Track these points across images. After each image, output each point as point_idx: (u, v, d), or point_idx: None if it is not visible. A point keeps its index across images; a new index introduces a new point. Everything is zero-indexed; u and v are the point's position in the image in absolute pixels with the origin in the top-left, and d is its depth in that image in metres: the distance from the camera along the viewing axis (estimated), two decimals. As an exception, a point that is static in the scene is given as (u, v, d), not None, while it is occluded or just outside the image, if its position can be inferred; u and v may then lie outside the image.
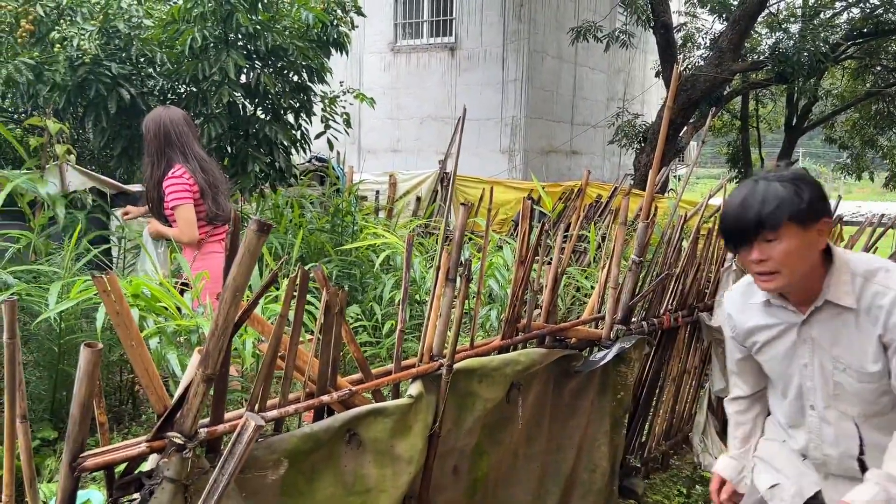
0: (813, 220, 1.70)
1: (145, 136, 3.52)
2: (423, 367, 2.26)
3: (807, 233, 1.70)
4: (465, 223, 2.31)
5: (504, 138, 12.99)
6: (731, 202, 1.78)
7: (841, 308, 1.77)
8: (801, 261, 1.72)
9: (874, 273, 1.75)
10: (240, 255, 1.60)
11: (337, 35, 4.43)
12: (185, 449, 1.57)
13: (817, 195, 1.71)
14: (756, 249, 1.73)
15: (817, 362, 1.85)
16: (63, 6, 3.69)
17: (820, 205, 1.71)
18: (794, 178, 1.72)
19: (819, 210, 1.71)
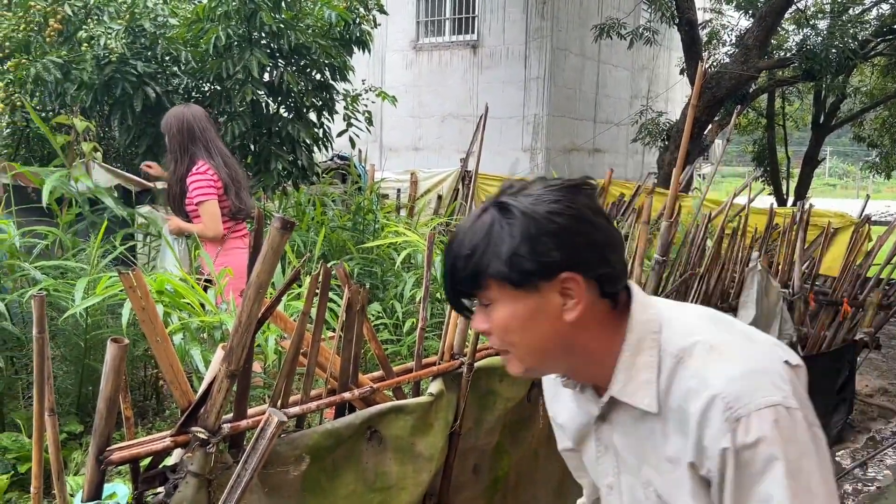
0: (527, 279, 1.07)
1: (167, 133, 3.56)
2: (443, 365, 2.26)
3: (528, 295, 1.08)
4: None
5: (526, 136, 12.95)
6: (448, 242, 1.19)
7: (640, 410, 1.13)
8: (532, 335, 1.11)
9: (689, 352, 1.08)
10: (263, 252, 1.61)
11: (359, 33, 4.44)
12: (208, 444, 1.59)
13: (532, 240, 1.05)
14: (478, 314, 1.16)
15: (625, 484, 1.23)
16: (90, 5, 3.74)
17: (534, 256, 1.05)
18: (517, 208, 1.08)
19: (533, 264, 1.05)
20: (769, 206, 5.06)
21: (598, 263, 1.08)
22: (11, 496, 2.90)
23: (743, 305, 3.61)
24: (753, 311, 3.55)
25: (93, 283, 3.18)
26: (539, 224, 1.06)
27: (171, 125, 3.53)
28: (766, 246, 3.86)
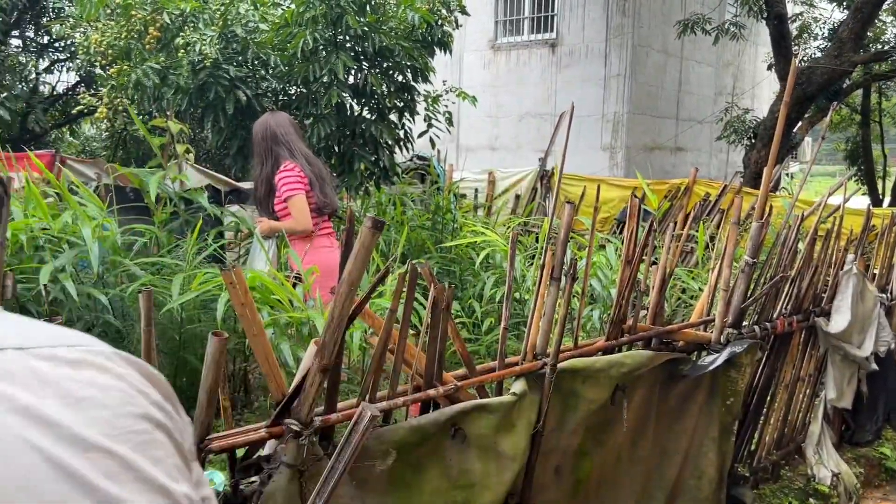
0: None
1: (254, 139, 3.73)
2: (526, 365, 2.27)
3: None
4: (571, 222, 2.30)
5: (605, 135, 12.75)
6: None
7: None
8: None
9: None
10: (355, 250, 1.65)
11: (441, 34, 4.48)
12: (301, 436, 1.65)
13: None
14: None
15: None
16: (187, 13, 3.91)
17: None
18: None
19: None
20: (866, 206, 4.83)
21: None
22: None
23: (836, 310, 3.46)
24: (848, 317, 3.41)
25: (188, 279, 3.33)
26: None
27: (257, 132, 3.75)
28: (863, 248, 3.68)
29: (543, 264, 2.32)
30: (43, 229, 3.29)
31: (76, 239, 3.30)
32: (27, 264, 3.14)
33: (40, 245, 3.32)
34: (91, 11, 4.04)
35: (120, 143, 8.82)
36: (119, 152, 9.07)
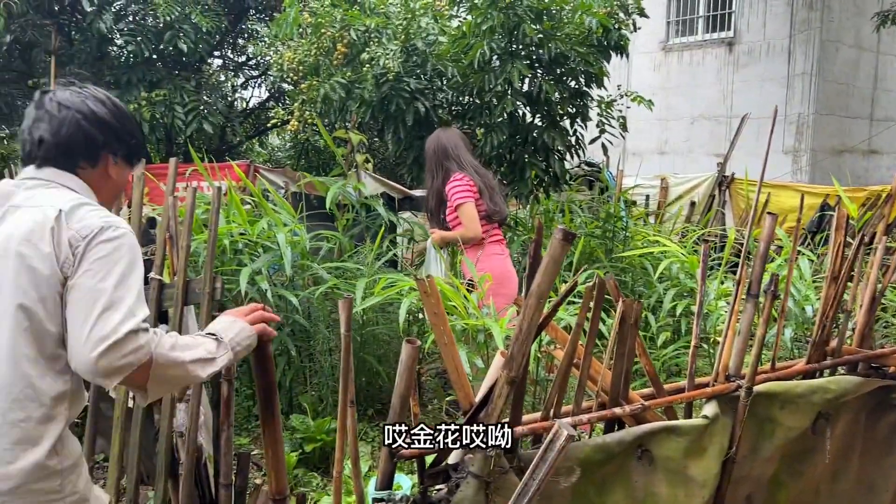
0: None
1: (426, 154, 3.90)
2: (718, 387, 2.13)
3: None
4: (772, 234, 2.14)
5: (788, 137, 11.88)
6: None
7: None
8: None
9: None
10: (544, 262, 1.63)
11: (618, 38, 4.37)
12: (488, 447, 1.65)
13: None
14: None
15: None
16: (371, 29, 4.09)
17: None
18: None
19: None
20: None
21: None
22: (298, 472, 3.26)
23: None
24: None
25: (370, 283, 3.48)
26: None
27: (429, 147, 3.89)
28: None
29: (738, 280, 2.17)
30: (241, 234, 3.57)
31: (270, 244, 3.55)
32: (228, 266, 3.42)
33: (239, 249, 3.61)
34: (287, 31, 4.34)
35: (303, 152, 9.44)
36: (302, 161, 9.71)
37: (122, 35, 5.97)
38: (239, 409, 3.76)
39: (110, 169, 1.60)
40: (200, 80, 6.48)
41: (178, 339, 1.46)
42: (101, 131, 1.55)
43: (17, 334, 1.39)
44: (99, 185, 1.59)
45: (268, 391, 1.75)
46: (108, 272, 1.38)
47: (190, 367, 1.44)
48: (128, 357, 1.33)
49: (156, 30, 5.98)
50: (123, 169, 1.65)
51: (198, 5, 6.00)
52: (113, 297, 1.36)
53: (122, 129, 1.61)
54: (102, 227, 1.42)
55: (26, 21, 5.94)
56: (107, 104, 1.59)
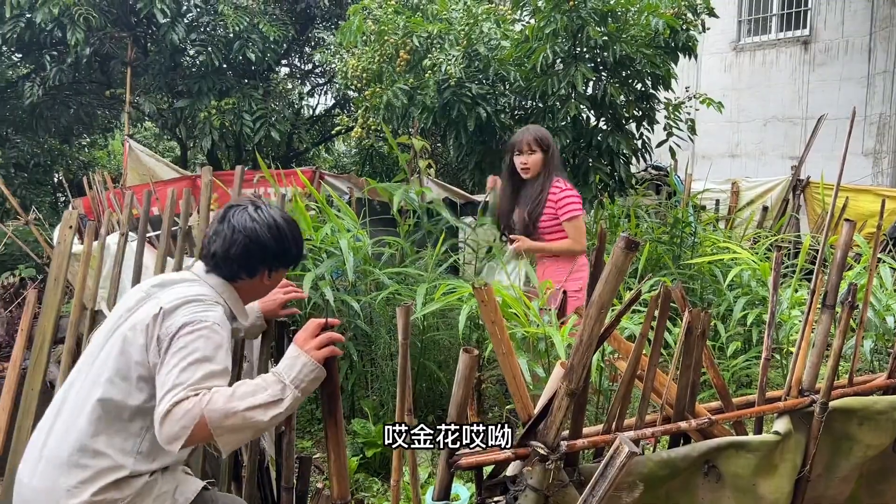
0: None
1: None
2: (791, 401, 2.04)
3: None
4: (850, 242, 2.03)
5: (868, 139, 11.37)
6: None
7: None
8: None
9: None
10: (607, 271, 1.59)
11: (686, 39, 4.25)
12: (547, 460, 1.61)
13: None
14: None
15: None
16: (434, 35, 4.10)
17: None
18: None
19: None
20: None
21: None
22: (359, 477, 3.27)
23: None
24: None
25: (431, 289, 3.48)
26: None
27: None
28: None
29: (813, 289, 2.07)
30: (306, 240, 3.62)
31: (333, 249, 3.59)
32: (292, 273, 3.47)
33: (304, 254, 3.66)
34: (351, 39, 4.39)
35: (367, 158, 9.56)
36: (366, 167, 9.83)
37: (194, 45, 6.17)
38: (302, 413, 3.81)
39: (265, 280, 1.90)
40: (268, 88, 6.63)
41: (237, 389, 1.61)
42: (261, 253, 1.84)
43: (100, 394, 1.70)
44: (249, 290, 1.91)
45: (331, 397, 1.76)
46: (180, 360, 1.61)
47: (248, 415, 1.58)
48: (180, 422, 1.54)
49: (225, 40, 6.15)
50: (280, 274, 1.95)
51: (265, 15, 6.16)
52: (176, 380, 1.59)
53: (282, 250, 1.88)
54: (185, 324, 1.66)
55: (104, 34, 6.21)
56: (272, 229, 1.86)
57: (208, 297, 1.79)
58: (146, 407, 1.70)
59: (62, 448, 1.70)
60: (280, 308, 2.16)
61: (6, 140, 8.05)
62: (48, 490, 1.69)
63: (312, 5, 7.04)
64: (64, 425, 1.73)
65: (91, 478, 1.67)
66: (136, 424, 1.72)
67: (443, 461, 1.62)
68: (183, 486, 1.84)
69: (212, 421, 1.55)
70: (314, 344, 1.69)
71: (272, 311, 2.16)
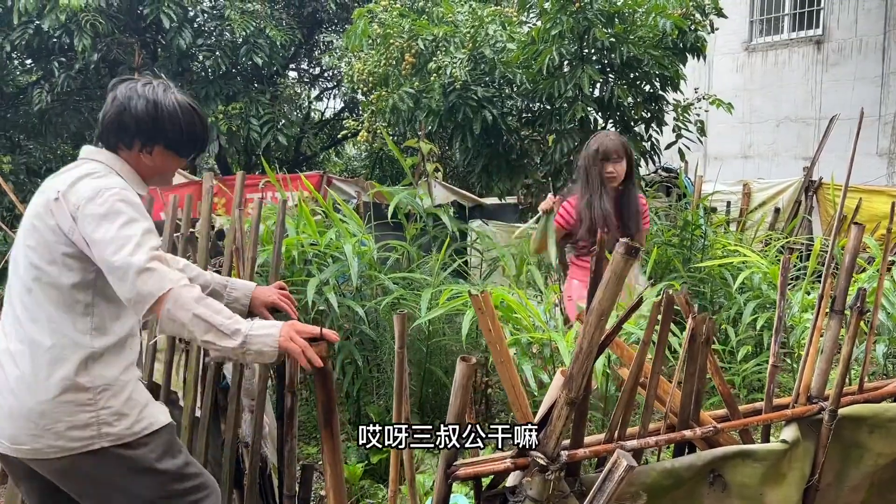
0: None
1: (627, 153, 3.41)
2: (799, 409, 1.99)
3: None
4: (859, 246, 1.98)
5: (882, 139, 11.24)
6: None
7: None
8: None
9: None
10: (606, 278, 1.55)
11: (695, 40, 4.20)
12: (547, 470, 1.58)
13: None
14: None
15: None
16: (439, 38, 4.08)
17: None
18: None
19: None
20: None
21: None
22: (364, 483, 3.25)
23: None
24: None
25: (436, 294, 3.45)
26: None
27: (627, 146, 3.45)
28: None
29: (822, 294, 2.03)
30: (311, 245, 3.60)
31: (339, 254, 3.57)
32: (297, 277, 3.45)
33: (308, 259, 3.64)
34: (356, 42, 4.38)
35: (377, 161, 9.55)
36: (376, 170, 9.81)
37: (201, 50, 6.18)
38: (308, 419, 3.79)
39: (143, 155, 1.86)
40: (275, 92, 6.63)
41: (209, 299, 1.67)
42: (134, 124, 1.81)
43: (38, 288, 1.74)
44: (136, 165, 1.88)
45: (327, 408, 1.74)
46: (111, 222, 1.66)
47: (196, 322, 1.62)
48: (157, 284, 1.60)
49: (232, 45, 6.17)
50: (163, 156, 1.89)
51: (272, 20, 6.16)
52: (120, 234, 1.64)
53: (157, 126, 1.83)
54: (91, 197, 1.70)
55: (112, 40, 6.23)
56: (150, 104, 1.83)
57: (99, 171, 1.80)
58: (83, 282, 1.74)
59: (24, 360, 1.74)
60: (266, 308, 2.13)
61: (18, 146, 8.10)
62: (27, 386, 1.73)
63: (319, 9, 7.03)
64: (17, 337, 1.76)
65: (56, 361, 1.72)
66: (80, 304, 1.75)
67: (440, 471, 1.59)
68: (154, 409, 1.87)
69: (174, 304, 1.60)
70: (294, 337, 1.68)
71: (258, 308, 2.14)
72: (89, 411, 1.73)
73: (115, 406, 1.77)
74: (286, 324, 1.72)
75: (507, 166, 4.43)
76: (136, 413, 1.81)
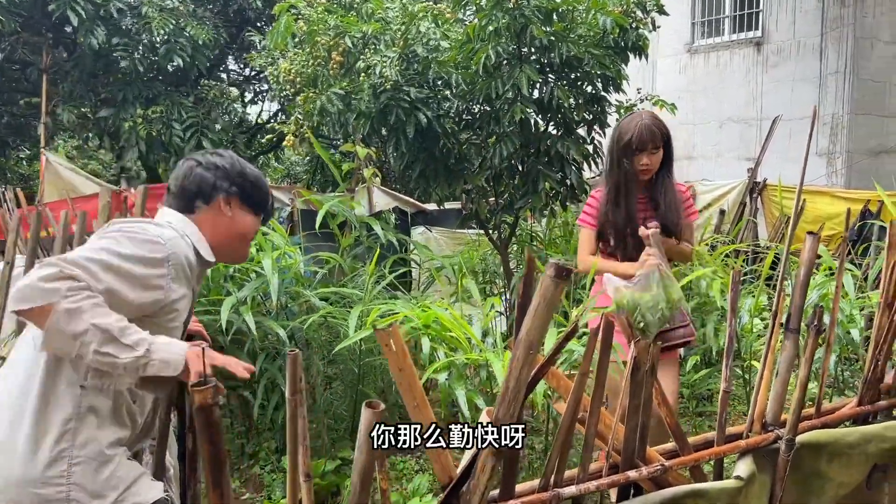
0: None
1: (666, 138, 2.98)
2: (754, 438, 1.81)
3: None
4: (814, 258, 1.81)
5: (822, 139, 11.41)
6: None
7: None
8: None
9: None
10: (534, 305, 1.33)
11: (636, 38, 4.04)
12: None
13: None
14: None
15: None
16: (368, 36, 3.82)
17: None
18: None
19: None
20: None
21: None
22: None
23: None
24: None
25: (367, 311, 3.19)
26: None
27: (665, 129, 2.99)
28: None
29: (775, 311, 1.84)
30: (232, 261, 3.30)
31: (261, 269, 3.28)
32: (214, 296, 3.16)
33: (229, 276, 3.35)
34: (279, 41, 4.10)
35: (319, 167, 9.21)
36: (318, 176, 9.47)
37: (116, 50, 5.77)
38: (232, 446, 3.49)
39: (224, 210, 1.82)
40: (199, 95, 6.26)
41: (103, 309, 1.51)
42: (215, 177, 1.81)
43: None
44: (213, 223, 1.82)
45: (214, 462, 1.46)
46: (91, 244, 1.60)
47: (91, 332, 1.47)
48: (41, 293, 1.46)
49: (150, 45, 5.78)
50: (241, 212, 1.86)
51: (194, 18, 5.79)
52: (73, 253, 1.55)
53: (239, 177, 1.84)
54: (119, 226, 1.66)
55: (16, 39, 5.77)
56: (227, 159, 1.86)
57: (163, 226, 1.73)
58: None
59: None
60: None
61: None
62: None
63: (246, 7, 6.67)
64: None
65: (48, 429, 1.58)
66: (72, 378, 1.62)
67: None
68: (141, 487, 1.69)
69: (69, 313, 1.46)
70: (195, 365, 1.54)
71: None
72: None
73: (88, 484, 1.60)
74: (196, 352, 1.57)
75: (445, 171, 4.20)
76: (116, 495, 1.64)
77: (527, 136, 4.16)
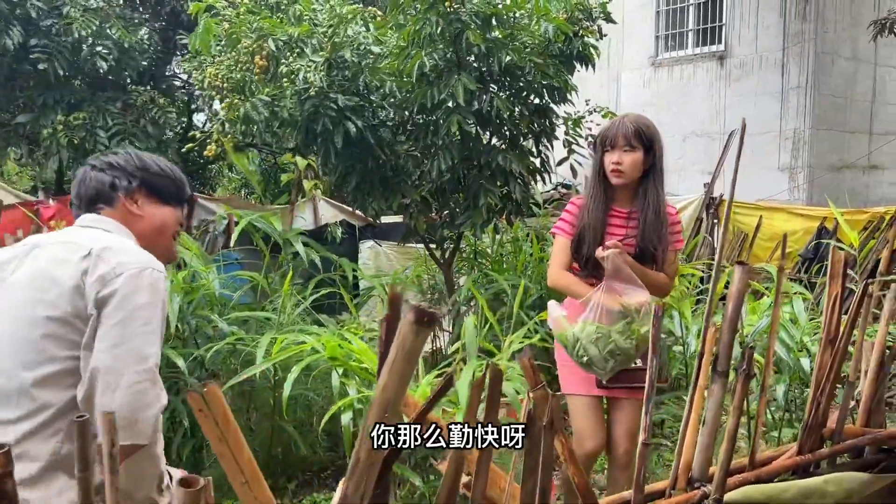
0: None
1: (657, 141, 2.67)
2: (676, 497, 1.58)
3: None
4: (743, 293, 1.59)
5: (783, 154, 11.42)
6: None
7: None
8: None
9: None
10: (391, 357, 1.08)
11: (582, 47, 3.84)
12: None
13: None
14: None
15: None
16: (295, 39, 3.58)
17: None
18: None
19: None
20: None
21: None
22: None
23: None
24: None
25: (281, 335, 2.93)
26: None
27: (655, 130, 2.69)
28: None
29: (702, 351, 1.62)
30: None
31: (168, 291, 3.00)
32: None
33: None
34: (201, 44, 3.84)
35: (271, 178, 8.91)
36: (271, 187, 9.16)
37: (34, 52, 5.43)
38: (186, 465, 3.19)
39: (128, 205, 1.69)
40: (127, 101, 5.93)
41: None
42: (108, 172, 1.70)
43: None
44: (125, 224, 1.69)
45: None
46: (136, 327, 1.50)
47: (155, 478, 1.49)
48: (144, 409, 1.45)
49: (72, 47, 5.44)
50: (151, 206, 1.72)
51: (121, 19, 5.49)
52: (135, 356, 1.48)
53: (130, 165, 1.72)
54: (140, 270, 1.52)
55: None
56: (120, 154, 1.76)
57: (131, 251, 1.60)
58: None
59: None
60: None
61: None
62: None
63: (180, 9, 6.36)
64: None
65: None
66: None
67: None
68: None
69: (149, 463, 1.48)
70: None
71: None
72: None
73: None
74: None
75: (381, 184, 3.96)
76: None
77: (468, 148, 3.94)
